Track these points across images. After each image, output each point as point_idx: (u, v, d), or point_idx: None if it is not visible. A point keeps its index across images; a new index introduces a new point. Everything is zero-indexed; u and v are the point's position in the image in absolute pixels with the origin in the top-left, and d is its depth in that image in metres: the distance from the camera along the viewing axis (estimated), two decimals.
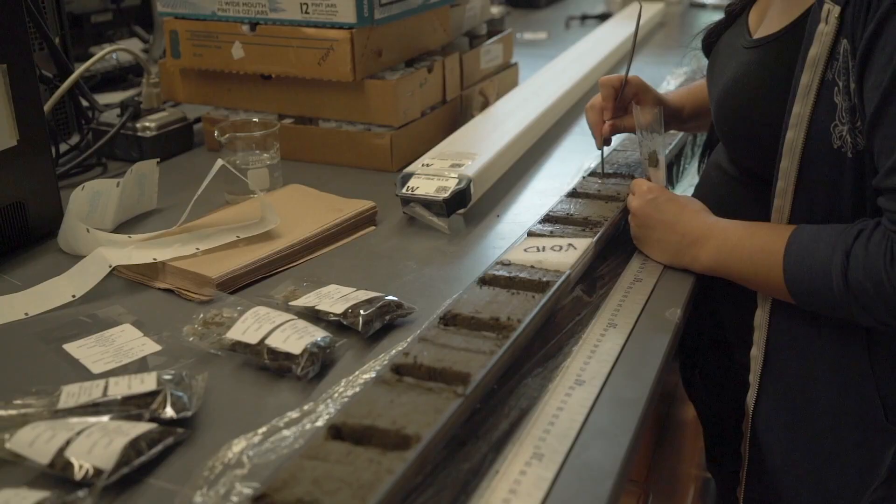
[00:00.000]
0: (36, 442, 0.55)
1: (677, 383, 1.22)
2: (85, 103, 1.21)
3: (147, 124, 1.18)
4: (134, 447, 0.55)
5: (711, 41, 0.94)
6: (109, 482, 0.53)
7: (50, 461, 0.54)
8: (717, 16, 0.97)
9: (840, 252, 0.70)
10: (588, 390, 0.64)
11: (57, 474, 0.54)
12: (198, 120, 1.28)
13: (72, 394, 0.61)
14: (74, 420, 0.58)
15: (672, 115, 1.04)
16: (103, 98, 1.38)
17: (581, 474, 0.56)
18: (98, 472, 0.54)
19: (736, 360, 0.88)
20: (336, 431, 0.54)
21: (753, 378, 0.84)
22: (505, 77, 1.47)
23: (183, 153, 1.24)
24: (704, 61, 0.98)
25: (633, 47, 1.00)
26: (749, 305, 0.83)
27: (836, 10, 0.70)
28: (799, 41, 0.75)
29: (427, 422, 0.54)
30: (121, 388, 0.61)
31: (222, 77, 1.20)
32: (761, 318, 0.82)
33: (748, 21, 0.89)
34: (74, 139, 1.21)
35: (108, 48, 1.17)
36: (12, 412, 0.59)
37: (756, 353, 0.84)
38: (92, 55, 1.47)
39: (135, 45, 1.61)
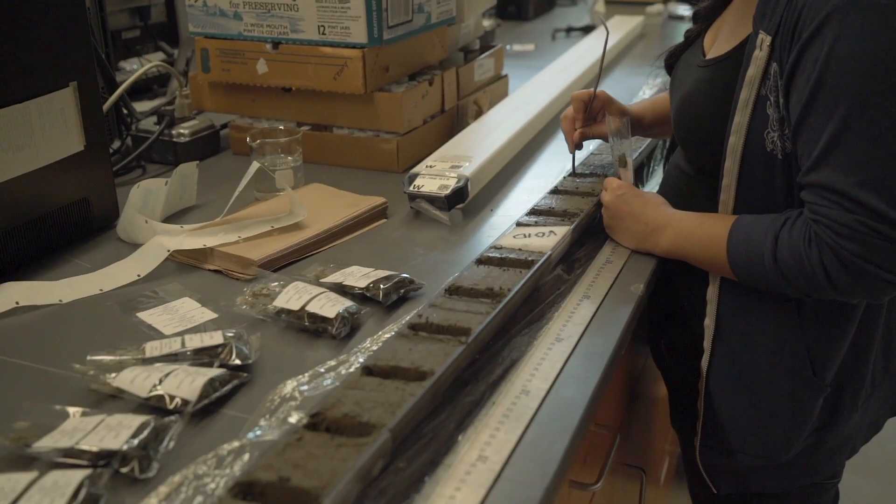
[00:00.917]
0: (135, 380, 0.71)
1: (644, 364, 1.38)
2: (124, 111, 1.36)
3: (181, 131, 1.34)
4: (211, 384, 0.71)
5: (672, 61, 1.11)
6: (195, 410, 0.69)
7: (147, 395, 0.70)
8: None
9: (770, 236, 0.86)
10: (565, 345, 0.81)
11: (152, 404, 0.70)
12: (223, 126, 1.44)
13: (154, 347, 0.77)
14: (160, 365, 0.74)
15: (634, 123, 1.20)
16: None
17: (558, 406, 0.72)
18: (185, 402, 0.69)
19: (692, 329, 1.04)
20: (368, 370, 0.70)
21: (707, 344, 1.00)
22: (496, 88, 1.63)
23: (212, 156, 1.39)
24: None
25: (601, 68, 1.16)
26: (702, 283, 0.99)
27: (768, 39, 0.87)
28: (740, 62, 0.92)
29: (439, 361, 0.70)
30: (195, 342, 0.77)
31: (247, 89, 1.36)
32: (712, 293, 0.99)
33: (703, 43, 1.06)
34: (114, 145, 1.36)
35: (149, 64, 1.33)
36: (114, 358, 0.74)
37: (709, 322, 1.00)
38: (122, 69, 1.63)
39: (158, 58, 1.76)
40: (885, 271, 0.80)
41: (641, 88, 1.75)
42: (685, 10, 2.84)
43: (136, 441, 0.63)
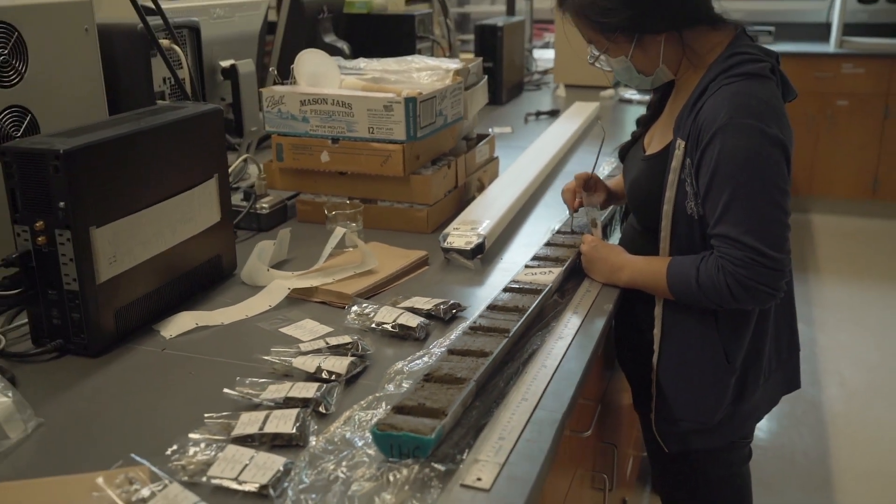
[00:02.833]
0: (305, 362, 1.14)
1: (605, 388, 1.82)
2: None
3: (263, 205, 1.78)
4: (353, 364, 1.14)
5: (623, 153, 1.60)
6: (345, 379, 1.12)
7: (313, 371, 1.13)
8: (641, 110, 1.62)
9: (694, 269, 1.34)
10: (565, 341, 1.26)
11: (316, 376, 1.13)
12: (289, 199, 1.88)
13: (306, 345, 1.20)
14: (312, 354, 1.17)
15: (610, 194, 1.68)
16: None
17: (565, 373, 1.17)
18: (339, 374, 1.12)
19: (646, 337, 1.50)
20: (451, 352, 1.15)
21: (656, 346, 1.46)
22: (491, 167, 2.11)
23: (282, 224, 1.83)
24: None
25: (597, 156, 1.65)
26: (651, 304, 1.46)
27: (683, 143, 1.36)
28: (668, 157, 1.41)
29: (493, 347, 1.15)
30: (333, 341, 1.20)
31: (311, 173, 1.81)
32: (658, 310, 1.45)
33: (644, 142, 1.55)
34: None
35: (242, 156, 1.78)
36: (286, 350, 1.18)
37: (657, 331, 1.46)
38: None
39: None
40: (765, 286, 1.28)
41: (601, 165, 2.25)
42: (632, 94, 3.39)
43: (319, 393, 1.07)
